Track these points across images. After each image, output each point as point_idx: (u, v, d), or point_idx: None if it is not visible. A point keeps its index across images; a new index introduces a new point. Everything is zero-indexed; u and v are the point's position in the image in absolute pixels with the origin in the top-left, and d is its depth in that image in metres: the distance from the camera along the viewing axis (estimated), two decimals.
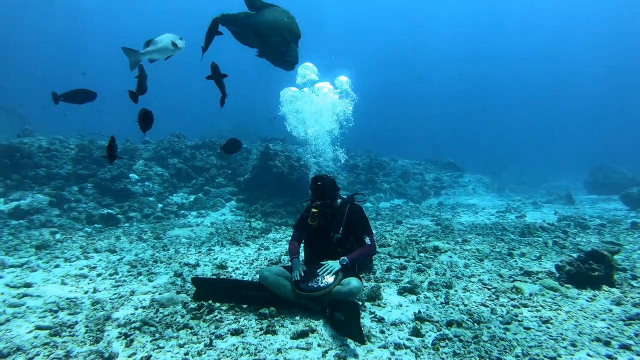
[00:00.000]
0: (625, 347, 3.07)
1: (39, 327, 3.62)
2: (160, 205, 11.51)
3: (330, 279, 3.92)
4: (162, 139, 14.83)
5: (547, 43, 64.56)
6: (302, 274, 4.00)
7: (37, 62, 55.85)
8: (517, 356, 2.97)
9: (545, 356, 2.94)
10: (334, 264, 4.05)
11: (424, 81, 67.76)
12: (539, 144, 47.79)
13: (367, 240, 4.31)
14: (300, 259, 4.44)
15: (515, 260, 6.09)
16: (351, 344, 3.24)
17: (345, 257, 4.09)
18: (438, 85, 67.31)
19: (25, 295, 4.56)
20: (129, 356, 3.10)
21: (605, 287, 4.56)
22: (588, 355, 2.99)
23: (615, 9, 58.12)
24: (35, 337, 3.42)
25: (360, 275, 4.32)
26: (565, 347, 3.10)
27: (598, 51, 62.31)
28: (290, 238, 4.79)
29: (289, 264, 4.40)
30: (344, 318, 3.38)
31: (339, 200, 4.49)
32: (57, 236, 8.23)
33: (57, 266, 5.92)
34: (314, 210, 4.36)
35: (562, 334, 3.34)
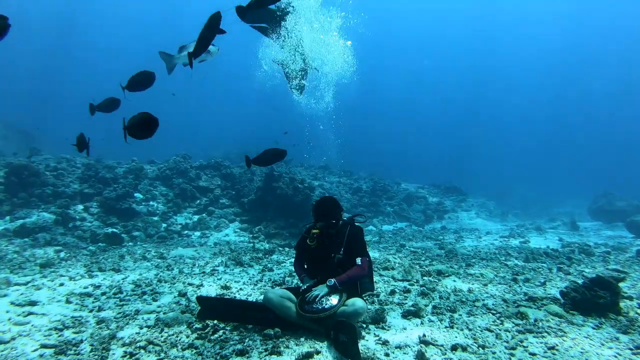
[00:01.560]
0: None
1: (44, 346, 3.64)
2: (164, 225, 11.55)
3: (334, 300, 3.93)
4: (167, 159, 14.99)
5: (552, 65, 65.34)
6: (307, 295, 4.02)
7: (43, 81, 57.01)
8: None
9: None
10: (321, 290, 4.02)
11: (428, 105, 68.57)
12: (542, 169, 47.95)
13: (359, 261, 4.26)
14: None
15: (520, 286, 6.08)
16: None
17: (332, 279, 4.05)
18: (441, 109, 68.05)
19: (30, 313, 4.57)
20: None
21: (611, 315, 4.54)
22: None
23: (626, 34, 58.87)
24: (41, 356, 3.44)
25: (364, 297, 4.33)
26: None
27: (605, 74, 62.96)
28: (293, 260, 4.78)
29: (293, 285, 4.42)
30: (347, 339, 3.39)
31: (340, 222, 4.52)
32: (62, 255, 8.26)
33: (61, 284, 5.93)
34: (314, 231, 4.37)
35: None
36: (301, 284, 4.37)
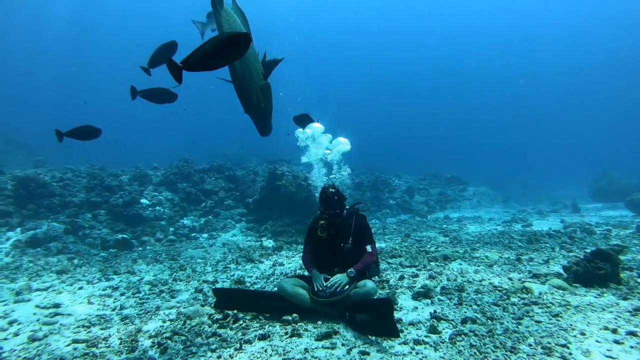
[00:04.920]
0: (632, 333, 3.26)
1: (75, 341, 3.83)
2: (171, 229, 11.75)
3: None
4: (170, 164, 15.18)
5: (547, 50, 65.32)
6: (324, 285, 4.20)
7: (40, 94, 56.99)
8: (530, 345, 3.16)
9: (556, 344, 3.14)
10: (343, 278, 4.21)
11: (422, 94, 68.61)
12: (542, 154, 48.16)
13: (369, 249, 4.53)
14: None
15: (524, 265, 6.28)
16: (373, 342, 3.43)
17: (352, 269, 4.27)
18: (437, 99, 68.10)
19: (56, 314, 4.77)
20: None
21: (612, 285, 4.74)
22: (597, 341, 3.19)
23: (621, 13, 58.82)
24: (75, 349, 3.64)
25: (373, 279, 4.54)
26: (575, 336, 3.30)
27: (603, 57, 62.96)
28: (302, 253, 4.98)
29: (303, 273, 4.63)
30: (368, 318, 3.59)
31: (344, 211, 4.74)
32: (75, 261, 8.45)
33: (80, 288, 6.13)
34: (321, 222, 4.59)
35: (571, 325, 3.54)
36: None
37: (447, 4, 63.63)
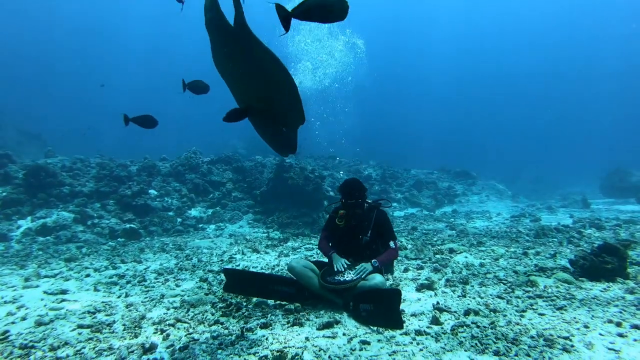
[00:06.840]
0: (637, 327, 3.22)
1: (80, 326, 3.88)
2: (179, 220, 11.83)
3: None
4: (179, 155, 15.26)
5: (559, 45, 64.38)
6: (346, 266, 4.26)
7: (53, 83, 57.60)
8: (532, 337, 3.13)
9: (559, 336, 3.11)
10: (367, 266, 4.23)
11: (432, 88, 68.08)
12: (553, 149, 47.62)
13: (392, 244, 4.56)
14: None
15: (530, 259, 6.22)
16: (374, 332, 3.43)
17: (376, 260, 4.30)
18: (447, 93, 67.55)
19: (63, 300, 4.84)
20: (168, 347, 3.33)
21: (619, 280, 4.67)
22: (600, 334, 3.15)
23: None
24: (79, 334, 3.68)
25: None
26: (578, 329, 3.27)
27: (615, 51, 61.93)
28: (319, 240, 5.00)
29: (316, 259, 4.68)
30: (372, 308, 3.60)
31: (365, 205, 4.74)
32: (84, 250, 8.56)
33: (87, 275, 6.21)
34: (341, 211, 4.64)
35: (575, 317, 3.51)
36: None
37: (455, 7, 63.22)
